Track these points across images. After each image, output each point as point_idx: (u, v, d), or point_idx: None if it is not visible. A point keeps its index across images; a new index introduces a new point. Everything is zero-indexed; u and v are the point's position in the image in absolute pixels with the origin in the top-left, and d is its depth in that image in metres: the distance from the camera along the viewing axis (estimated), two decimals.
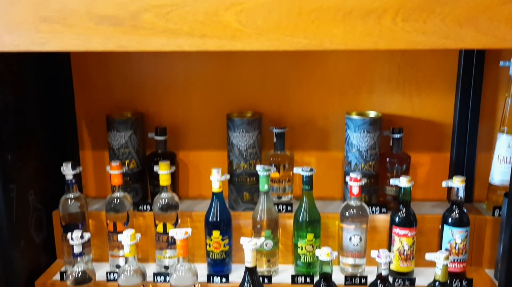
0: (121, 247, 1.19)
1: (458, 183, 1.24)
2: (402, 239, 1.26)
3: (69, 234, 1.16)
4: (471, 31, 0.86)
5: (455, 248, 1.26)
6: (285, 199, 1.43)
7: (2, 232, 1.15)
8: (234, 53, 1.39)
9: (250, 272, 1.10)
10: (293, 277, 1.28)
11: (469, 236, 1.27)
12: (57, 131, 1.44)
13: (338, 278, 1.24)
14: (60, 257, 1.43)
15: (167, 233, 1.28)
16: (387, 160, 1.38)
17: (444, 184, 1.27)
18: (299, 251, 1.29)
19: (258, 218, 1.28)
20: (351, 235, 1.29)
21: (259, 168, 1.26)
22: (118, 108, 1.46)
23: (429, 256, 1.09)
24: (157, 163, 1.30)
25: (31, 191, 1.32)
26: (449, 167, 1.46)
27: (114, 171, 1.30)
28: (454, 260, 1.27)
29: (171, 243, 1.31)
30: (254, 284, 1.10)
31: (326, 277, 1.12)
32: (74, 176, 1.32)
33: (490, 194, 1.38)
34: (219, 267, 1.32)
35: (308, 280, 1.27)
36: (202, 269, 1.32)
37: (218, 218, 1.29)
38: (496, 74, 1.37)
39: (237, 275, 1.31)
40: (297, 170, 1.28)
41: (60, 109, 1.45)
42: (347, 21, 0.87)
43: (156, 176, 1.34)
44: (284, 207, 1.36)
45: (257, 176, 1.29)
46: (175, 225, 1.32)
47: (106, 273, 1.31)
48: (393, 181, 1.28)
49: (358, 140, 1.33)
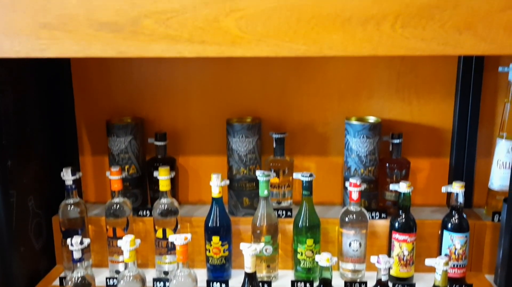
0: (120, 252, 1.19)
1: (457, 188, 1.24)
2: (402, 244, 1.26)
3: (68, 240, 1.16)
4: (470, 38, 0.86)
5: (455, 253, 1.26)
6: (284, 204, 1.43)
7: (2, 237, 1.15)
8: (234, 59, 1.39)
9: (250, 277, 1.10)
10: (292, 283, 1.28)
11: (468, 241, 1.27)
12: (57, 137, 1.44)
13: (338, 284, 1.24)
14: (59, 263, 1.43)
15: (167, 238, 1.28)
16: (387, 165, 1.38)
17: (443, 189, 1.27)
18: (299, 256, 1.29)
19: (257, 224, 1.28)
20: (351, 240, 1.29)
21: (259, 173, 1.26)
22: (118, 113, 1.46)
23: (429, 261, 1.09)
24: (157, 168, 1.30)
25: (31, 196, 1.32)
26: (448, 172, 1.46)
27: (114, 176, 1.30)
28: (454, 265, 1.27)
29: (171, 248, 1.31)
30: None
31: (326, 283, 1.11)
32: (74, 181, 1.32)
33: (490, 200, 1.38)
34: (219, 272, 1.32)
35: (307, 285, 1.27)
36: (202, 275, 1.31)
37: (218, 224, 1.29)
38: (495, 80, 1.38)
39: (236, 280, 1.31)
40: (296, 176, 1.28)
41: (60, 114, 1.45)
42: (347, 28, 0.87)
43: (156, 181, 1.34)
44: (283, 212, 1.36)
45: (256, 181, 1.29)
46: (175, 230, 1.32)
47: (106, 279, 1.31)
48: (392, 187, 1.28)
49: (358, 145, 1.33)
